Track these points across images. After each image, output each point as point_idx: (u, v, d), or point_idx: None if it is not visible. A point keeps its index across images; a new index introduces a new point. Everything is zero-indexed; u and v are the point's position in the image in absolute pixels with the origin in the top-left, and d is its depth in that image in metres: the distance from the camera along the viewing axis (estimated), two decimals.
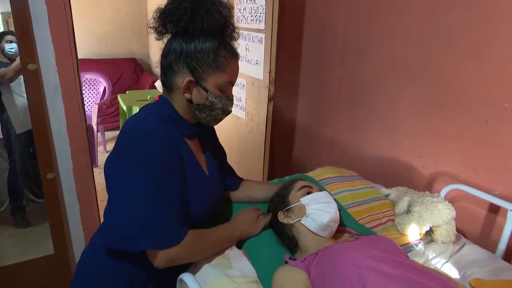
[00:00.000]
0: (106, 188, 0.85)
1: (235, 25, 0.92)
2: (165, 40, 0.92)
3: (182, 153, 0.90)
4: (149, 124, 0.84)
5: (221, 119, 0.96)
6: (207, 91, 0.88)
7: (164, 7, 0.86)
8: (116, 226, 0.81)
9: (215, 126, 1.12)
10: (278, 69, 1.93)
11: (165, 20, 0.87)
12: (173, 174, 0.84)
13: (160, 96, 0.95)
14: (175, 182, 0.85)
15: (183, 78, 0.87)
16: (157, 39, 0.90)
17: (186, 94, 0.89)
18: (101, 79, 3.78)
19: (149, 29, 0.89)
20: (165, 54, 0.90)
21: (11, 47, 1.85)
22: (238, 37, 0.94)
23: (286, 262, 0.95)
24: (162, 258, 0.81)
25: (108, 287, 0.91)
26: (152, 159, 0.80)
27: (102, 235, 0.94)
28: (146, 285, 0.93)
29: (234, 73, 0.92)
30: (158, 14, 0.87)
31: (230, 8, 0.90)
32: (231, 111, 0.96)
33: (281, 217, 1.02)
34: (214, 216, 1.06)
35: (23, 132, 1.94)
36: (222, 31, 0.89)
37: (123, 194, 0.80)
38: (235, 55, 0.91)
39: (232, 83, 0.93)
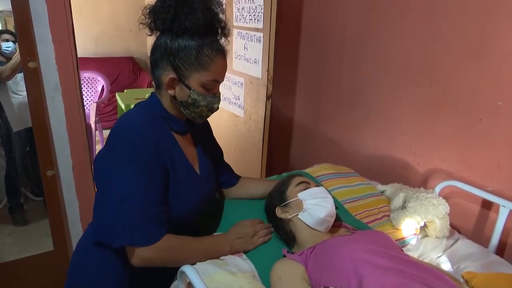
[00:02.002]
0: (94, 181, 0.88)
1: (226, 21, 0.91)
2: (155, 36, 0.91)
3: (170, 151, 0.90)
4: (135, 125, 0.85)
5: (207, 116, 0.95)
6: (189, 88, 0.88)
7: (154, 4, 0.86)
8: (101, 220, 0.84)
9: (212, 124, 1.14)
10: (276, 67, 1.95)
11: (155, 17, 0.87)
12: (155, 176, 0.85)
13: (151, 94, 0.96)
14: (156, 184, 0.85)
15: (167, 75, 0.88)
16: (148, 34, 0.90)
17: (169, 91, 0.90)
18: (99, 78, 3.79)
19: (140, 24, 0.89)
20: (152, 51, 0.90)
21: (7, 45, 1.86)
22: (229, 34, 0.92)
23: (284, 256, 0.97)
24: (137, 256, 0.82)
25: (99, 275, 0.94)
26: (137, 160, 0.82)
27: (91, 227, 0.97)
28: (133, 275, 0.94)
29: (219, 71, 0.90)
30: (148, 10, 0.87)
31: (220, 4, 0.88)
32: (217, 108, 0.94)
33: (279, 212, 1.04)
34: (204, 213, 1.07)
35: (20, 130, 1.95)
36: (208, 29, 0.87)
37: (109, 191, 0.83)
38: (221, 53, 0.89)
39: (217, 81, 0.92)
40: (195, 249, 0.92)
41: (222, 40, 0.92)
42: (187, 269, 0.77)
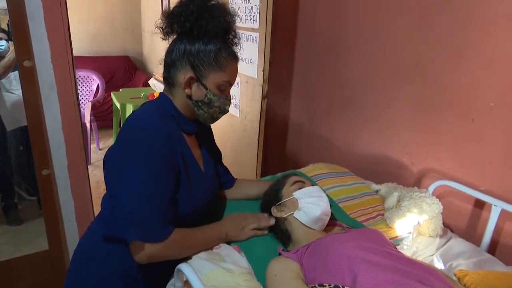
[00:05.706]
0: (104, 177, 0.90)
1: (237, 31, 0.97)
2: (169, 40, 0.97)
3: (179, 148, 0.93)
4: (148, 122, 0.88)
5: (217, 118, 1.00)
6: (206, 88, 0.93)
7: (172, 9, 0.92)
8: (114, 215, 0.85)
9: (212, 126, 1.16)
10: (271, 67, 1.96)
11: (172, 21, 0.92)
12: (167, 173, 0.87)
13: (160, 94, 0.99)
14: (168, 181, 0.88)
15: (184, 75, 0.92)
16: (162, 39, 0.96)
17: (186, 90, 0.93)
18: (94, 77, 3.77)
19: (156, 28, 0.94)
20: (169, 52, 0.95)
21: (0, 44, 1.84)
22: (239, 43, 0.99)
23: (280, 254, 0.98)
24: (144, 253, 0.83)
25: (103, 272, 0.94)
26: (148, 157, 0.84)
27: (100, 223, 0.97)
28: (139, 271, 0.95)
29: (233, 74, 0.97)
30: (166, 15, 0.93)
31: (233, 15, 0.95)
32: (228, 110, 1.00)
33: (274, 211, 1.05)
34: (209, 211, 1.09)
35: (14, 129, 1.93)
36: (225, 35, 0.95)
37: (122, 187, 0.84)
38: (235, 58, 0.97)
39: (230, 84, 0.97)
40: (196, 241, 0.95)
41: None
42: (184, 267, 0.77)
